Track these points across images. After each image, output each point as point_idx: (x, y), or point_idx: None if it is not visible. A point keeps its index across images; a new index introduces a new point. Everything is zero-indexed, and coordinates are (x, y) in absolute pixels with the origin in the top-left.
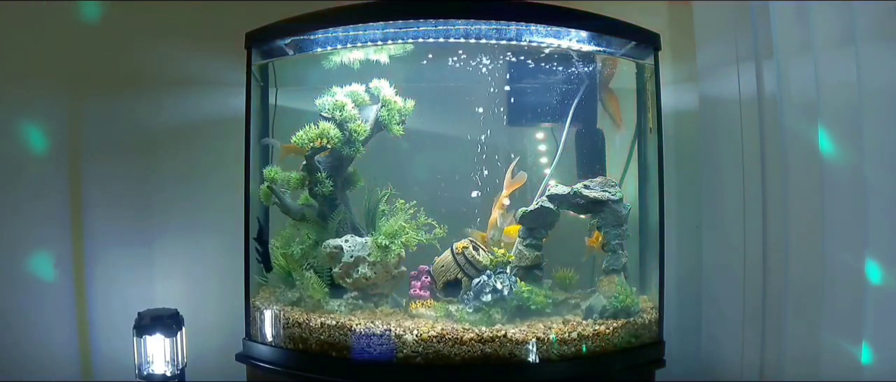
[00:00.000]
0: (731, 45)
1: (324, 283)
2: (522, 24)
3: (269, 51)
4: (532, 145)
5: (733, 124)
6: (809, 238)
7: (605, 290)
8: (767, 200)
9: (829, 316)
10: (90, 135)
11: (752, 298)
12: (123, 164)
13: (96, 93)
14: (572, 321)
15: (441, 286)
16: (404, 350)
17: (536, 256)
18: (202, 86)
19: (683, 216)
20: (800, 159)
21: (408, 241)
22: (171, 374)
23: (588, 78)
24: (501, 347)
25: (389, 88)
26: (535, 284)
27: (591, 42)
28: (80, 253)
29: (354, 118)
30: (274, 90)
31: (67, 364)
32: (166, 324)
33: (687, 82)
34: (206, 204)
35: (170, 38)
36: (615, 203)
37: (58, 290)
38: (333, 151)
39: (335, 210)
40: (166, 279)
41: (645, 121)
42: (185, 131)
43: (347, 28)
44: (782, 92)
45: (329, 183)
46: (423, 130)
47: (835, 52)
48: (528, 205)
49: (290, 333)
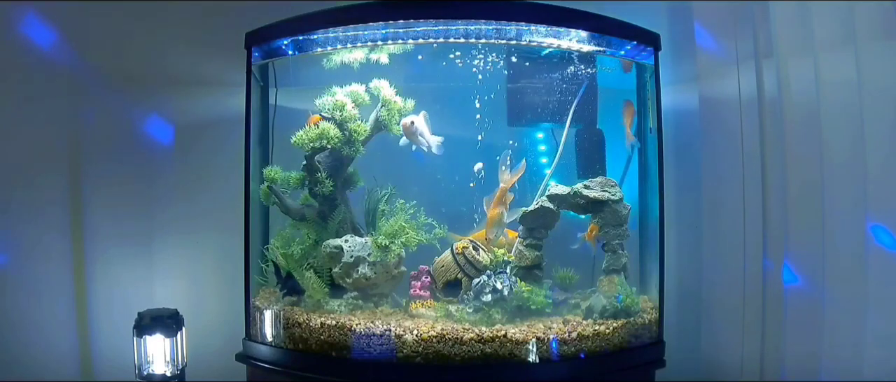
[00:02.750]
0: (731, 45)
1: (324, 283)
2: (522, 24)
3: (269, 51)
4: (532, 145)
5: (733, 124)
6: (809, 237)
7: (605, 290)
8: (767, 200)
9: (830, 316)
10: (90, 135)
11: (752, 298)
12: (123, 164)
13: (96, 93)
14: (572, 321)
15: (441, 286)
16: (404, 350)
17: (536, 256)
18: (202, 87)
19: (683, 216)
20: (800, 159)
21: (408, 241)
22: (171, 374)
23: (588, 78)
24: (501, 347)
25: (389, 88)
26: (535, 284)
27: (591, 42)
28: (80, 253)
29: (354, 118)
30: (274, 90)
31: (67, 364)
32: (166, 324)
33: (687, 82)
34: (206, 204)
35: (170, 38)
36: (615, 203)
37: (58, 290)
38: (333, 151)
39: (335, 210)
40: (166, 279)
41: (645, 122)
42: (185, 131)
43: (347, 28)
44: (782, 92)
45: (329, 183)
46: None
47: (835, 51)
48: (528, 205)
49: (290, 333)
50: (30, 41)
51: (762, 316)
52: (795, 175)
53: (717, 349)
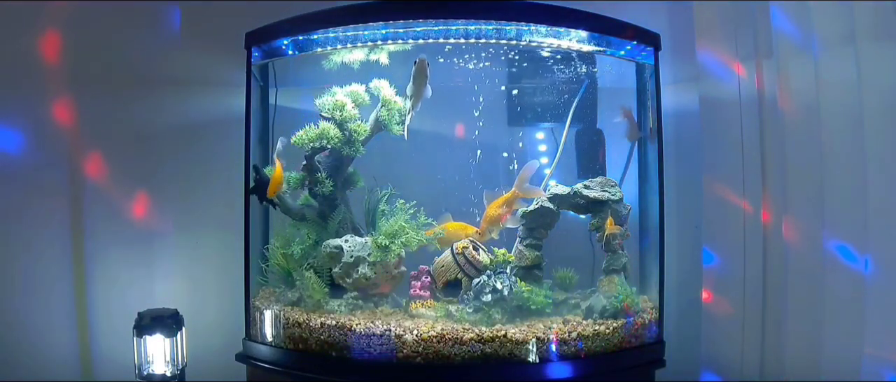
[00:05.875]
0: (731, 45)
1: (324, 283)
2: (522, 24)
3: (269, 51)
4: (532, 145)
5: (733, 124)
6: (809, 237)
7: (605, 290)
8: (767, 200)
9: (830, 315)
10: (90, 135)
11: (752, 298)
12: (123, 164)
13: (96, 93)
14: (572, 321)
15: (441, 286)
16: (404, 350)
17: (536, 256)
18: (202, 87)
19: (683, 216)
20: (800, 159)
21: (408, 241)
22: (171, 374)
23: (588, 77)
24: (501, 347)
25: (389, 88)
26: (535, 284)
27: (592, 42)
28: (80, 253)
29: (354, 118)
30: (274, 90)
31: (67, 364)
32: (166, 324)
33: (687, 82)
34: (206, 204)
35: (170, 38)
36: (615, 203)
37: (58, 290)
38: (333, 151)
39: (335, 210)
40: (166, 279)
41: (645, 122)
42: (185, 131)
43: (347, 28)
44: (782, 92)
45: (329, 183)
46: (423, 130)
47: (835, 51)
48: (528, 205)
49: (290, 333)
50: (30, 41)
51: (762, 316)
52: (795, 175)
53: (716, 349)
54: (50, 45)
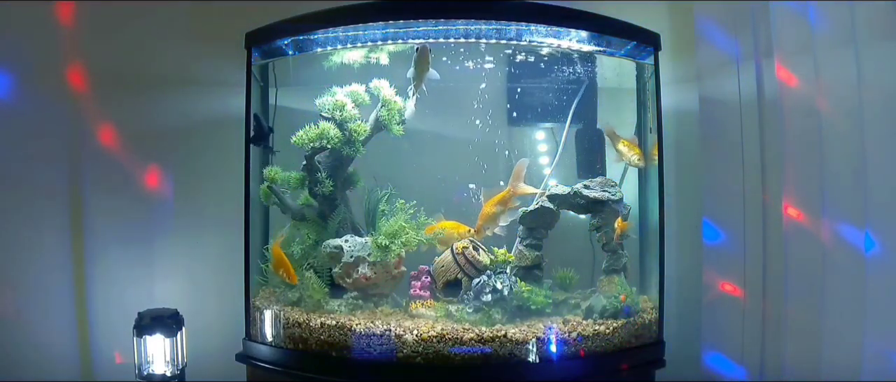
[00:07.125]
0: (731, 45)
1: (324, 283)
2: (522, 24)
3: (269, 51)
4: (532, 145)
5: (733, 124)
6: (810, 237)
7: (606, 290)
8: (767, 200)
9: (830, 315)
10: (90, 135)
11: (753, 298)
12: (123, 164)
13: (96, 93)
14: (572, 321)
15: (441, 286)
16: (404, 350)
17: (536, 256)
18: (202, 86)
19: (683, 216)
20: (800, 159)
21: (408, 241)
22: (171, 374)
23: (588, 77)
24: (501, 347)
25: (389, 88)
26: (535, 284)
27: (591, 42)
28: (80, 253)
29: (354, 118)
30: (274, 90)
31: (67, 364)
32: (166, 324)
33: (687, 82)
34: (206, 204)
35: (170, 38)
36: (615, 203)
37: (58, 290)
38: (333, 151)
39: (335, 210)
40: (166, 279)
41: (645, 121)
42: (185, 131)
43: (347, 28)
44: (782, 92)
45: (329, 183)
46: (423, 130)
47: (835, 51)
48: (528, 205)
49: (290, 333)
50: (29, 40)
51: (762, 316)
52: (795, 175)
53: (717, 349)
54: (50, 44)
